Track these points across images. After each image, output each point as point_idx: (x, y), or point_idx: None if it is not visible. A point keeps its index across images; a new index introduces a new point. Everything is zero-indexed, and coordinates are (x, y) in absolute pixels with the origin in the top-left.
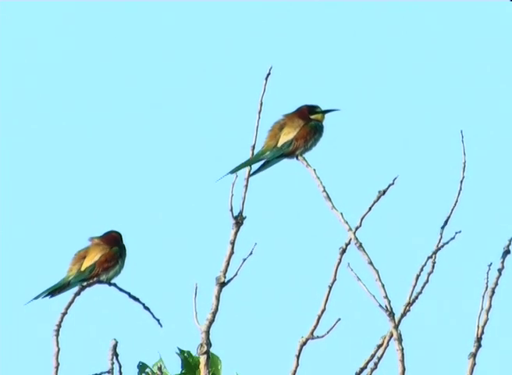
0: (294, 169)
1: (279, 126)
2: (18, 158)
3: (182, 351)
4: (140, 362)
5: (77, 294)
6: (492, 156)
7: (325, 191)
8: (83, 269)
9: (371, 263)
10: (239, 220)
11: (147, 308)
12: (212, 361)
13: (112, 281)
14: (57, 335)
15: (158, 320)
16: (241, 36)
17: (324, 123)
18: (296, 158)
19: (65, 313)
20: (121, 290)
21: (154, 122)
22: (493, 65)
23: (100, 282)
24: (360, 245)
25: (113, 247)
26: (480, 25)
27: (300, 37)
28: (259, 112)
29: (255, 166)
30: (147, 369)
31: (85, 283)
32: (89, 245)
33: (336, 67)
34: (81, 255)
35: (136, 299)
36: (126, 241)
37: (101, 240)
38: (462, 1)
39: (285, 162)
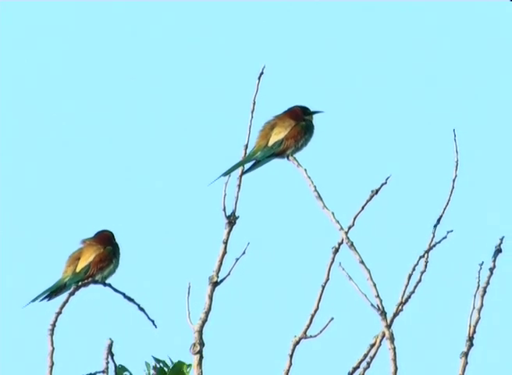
0: (286, 169)
1: (270, 126)
2: (12, 159)
3: (157, 361)
4: (119, 365)
5: (72, 293)
6: (484, 155)
7: (316, 190)
8: (78, 270)
9: (362, 262)
10: (232, 220)
11: (141, 309)
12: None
13: (107, 281)
14: (51, 334)
15: (152, 321)
16: (234, 36)
17: (314, 122)
18: (287, 157)
19: (59, 313)
20: (116, 290)
21: (148, 121)
22: (492, 65)
23: (95, 282)
24: (352, 244)
25: (106, 246)
26: (480, 25)
27: (292, 36)
28: (252, 112)
29: (246, 166)
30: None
31: (80, 283)
32: (82, 247)
33: (329, 67)
34: (75, 257)
35: (131, 300)
36: (119, 241)
37: (93, 240)
38: (462, 1)
39: (276, 162)
